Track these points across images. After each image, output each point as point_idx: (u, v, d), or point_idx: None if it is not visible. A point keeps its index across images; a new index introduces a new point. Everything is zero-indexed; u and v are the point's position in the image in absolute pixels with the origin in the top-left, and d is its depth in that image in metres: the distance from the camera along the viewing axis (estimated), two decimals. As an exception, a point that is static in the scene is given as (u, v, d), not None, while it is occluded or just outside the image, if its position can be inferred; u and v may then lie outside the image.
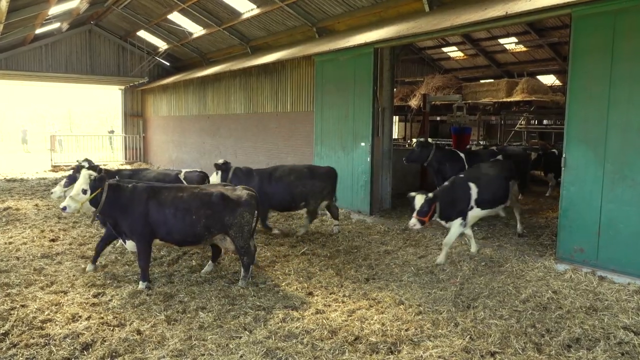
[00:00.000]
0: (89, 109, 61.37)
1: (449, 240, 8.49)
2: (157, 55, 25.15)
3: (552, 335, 5.65)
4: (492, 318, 6.11)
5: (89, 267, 8.05)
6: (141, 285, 7.24)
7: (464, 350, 5.31)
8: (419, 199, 7.96)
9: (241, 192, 7.54)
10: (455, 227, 8.46)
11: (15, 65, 23.22)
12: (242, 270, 7.55)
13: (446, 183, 8.76)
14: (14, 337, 5.57)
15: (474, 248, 8.94)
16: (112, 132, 36.86)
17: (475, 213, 8.65)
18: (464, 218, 8.48)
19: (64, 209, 7.04)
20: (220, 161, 10.19)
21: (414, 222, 7.92)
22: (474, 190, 8.59)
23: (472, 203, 8.55)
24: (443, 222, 8.54)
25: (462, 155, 11.52)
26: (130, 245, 7.50)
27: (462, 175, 8.87)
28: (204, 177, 10.20)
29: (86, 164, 10.29)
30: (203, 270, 8.03)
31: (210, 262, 8.18)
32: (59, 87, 30.40)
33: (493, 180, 9.00)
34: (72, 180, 9.80)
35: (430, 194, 8.08)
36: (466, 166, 11.20)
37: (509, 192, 9.35)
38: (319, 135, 13.71)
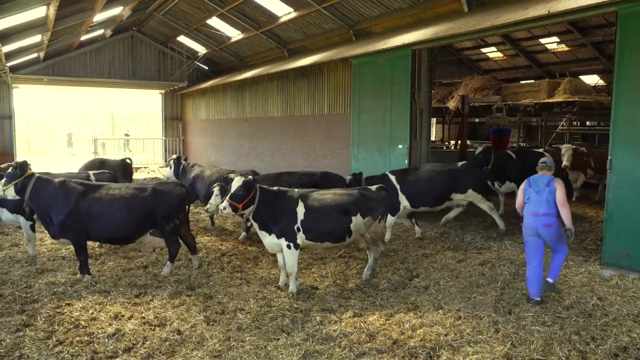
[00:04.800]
0: (130, 112, 63.00)
1: None
2: (197, 60, 25.57)
3: (597, 343, 5.48)
4: (534, 324, 5.96)
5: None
6: None
7: (505, 356, 5.20)
8: None
9: None
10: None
11: (61, 71, 24.06)
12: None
13: None
14: (60, 334, 5.76)
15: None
16: (127, 135, 36.73)
17: None
18: None
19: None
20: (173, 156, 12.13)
21: None
22: None
23: None
24: None
25: (393, 177, 10.20)
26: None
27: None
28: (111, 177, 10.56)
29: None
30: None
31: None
32: (102, 92, 31.15)
33: None
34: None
35: None
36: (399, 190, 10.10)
37: None
38: (356, 137, 13.66)
